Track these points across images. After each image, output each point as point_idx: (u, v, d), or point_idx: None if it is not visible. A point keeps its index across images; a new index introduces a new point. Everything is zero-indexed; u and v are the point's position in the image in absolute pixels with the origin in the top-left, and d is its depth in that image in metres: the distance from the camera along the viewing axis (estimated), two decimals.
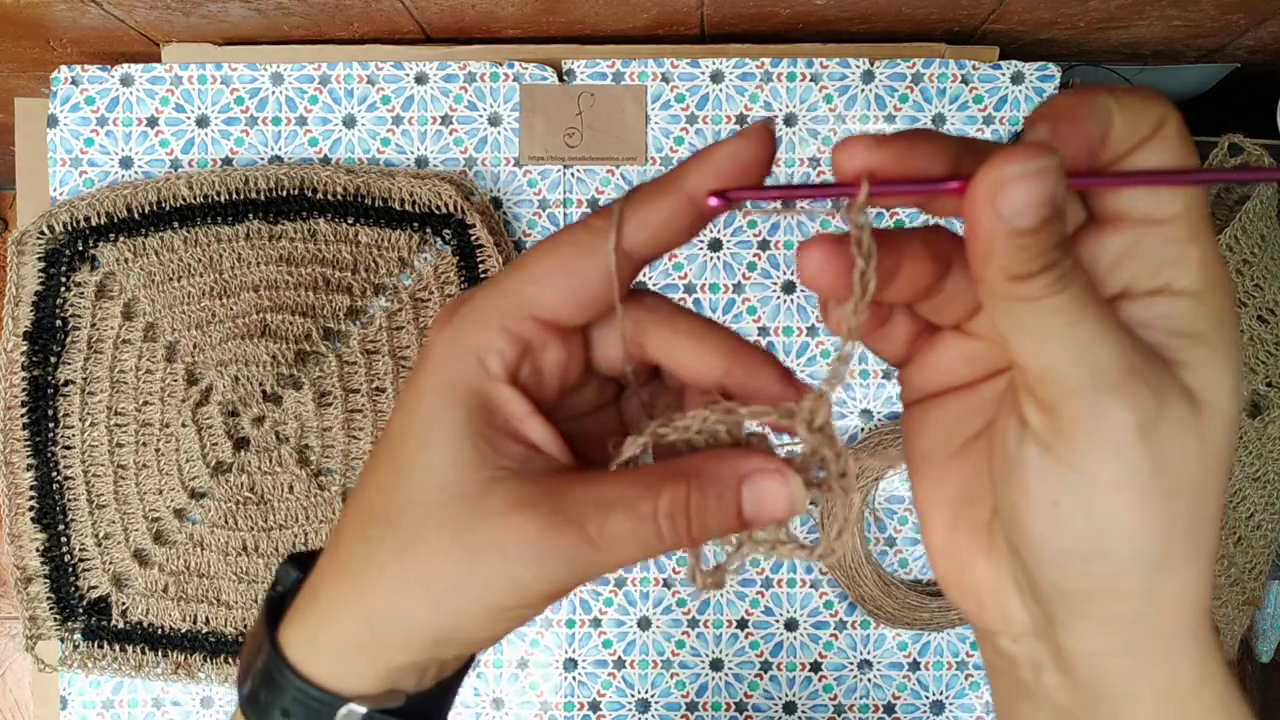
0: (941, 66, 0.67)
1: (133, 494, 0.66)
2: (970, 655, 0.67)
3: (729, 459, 0.23)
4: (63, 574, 0.66)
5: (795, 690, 0.68)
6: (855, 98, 0.67)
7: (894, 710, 0.68)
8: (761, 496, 0.23)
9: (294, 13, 0.64)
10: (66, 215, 0.65)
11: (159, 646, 0.66)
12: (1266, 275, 0.63)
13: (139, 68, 0.67)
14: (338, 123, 0.68)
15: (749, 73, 0.67)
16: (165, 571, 0.66)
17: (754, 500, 0.23)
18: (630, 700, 0.68)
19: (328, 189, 0.65)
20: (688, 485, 0.23)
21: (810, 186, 0.22)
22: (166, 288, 0.65)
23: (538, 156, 0.67)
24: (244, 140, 0.68)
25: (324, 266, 0.65)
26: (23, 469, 0.66)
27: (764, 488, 0.23)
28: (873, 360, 0.67)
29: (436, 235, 0.66)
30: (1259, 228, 0.63)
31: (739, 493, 0.23)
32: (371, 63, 0.67)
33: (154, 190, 0.65)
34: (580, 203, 0.68)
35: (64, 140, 0.67)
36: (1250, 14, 0.64)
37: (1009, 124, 0.67)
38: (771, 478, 0.23)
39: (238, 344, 0.64)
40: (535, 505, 0.23)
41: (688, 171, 0.23)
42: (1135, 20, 0.66)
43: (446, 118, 0.68)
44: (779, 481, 0.23)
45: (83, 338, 0.66)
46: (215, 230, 0.66)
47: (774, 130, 0.23)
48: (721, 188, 0.23)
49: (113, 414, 0.66)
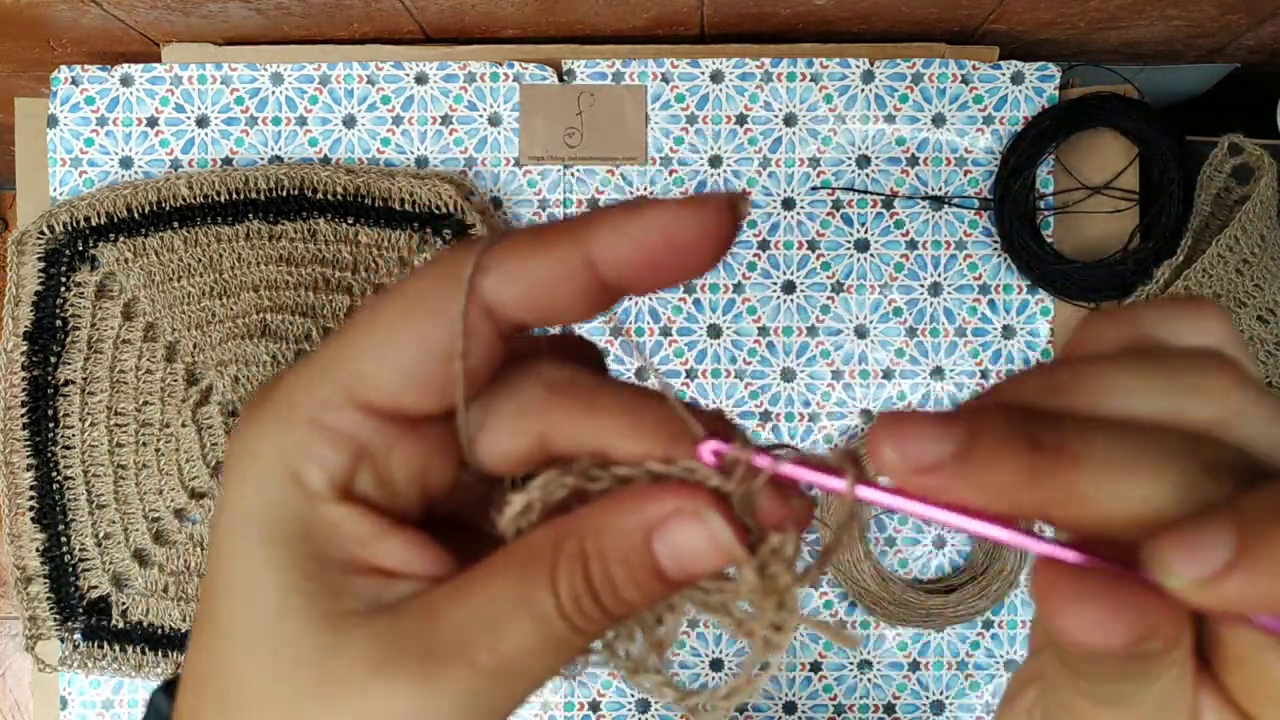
0: (941, 66, 0.67)
1: (133, 494, 0.66)
2: (970, 655, 0.67)
3: (629, 504, 0.17)
4: (63, 574, 0.66)
5: (795, 690, 0.68)
6: (855, 98, 0.67)
7: (894, 710, 0.68)
8: (678, 549, 0.17)
9: (294, 13, 0.64)
10: (66, 215, 0.65)
11: (159, 646, 0.66)
12: (1266, 275, 0.63)
13: (139, 68, 0.67)
14: (338, 123, 0.68)
15: (749, 73, 0.67)
16: (165, 571, 0.66)
17: (670, 555, 0.17)
18: (630, 700, 0.68)
19: (328, 189, 0.65)
20: (583, 555, 0.17)
21: (816, 465, 0.17)
22: (166, 288, 0.65)
23: (538, 156, 0.67)
24: (244, 140, 0.68)
25: (324, 266, 0.65)
26: (23, 469, 0.66)
27: (680, 538, 0.17)
28: (872, 360, 0.68)
29: (436, 235, 0.66)
30: (1259, 228, 0.63)
31: (649, 550, 0.17)
32: (371, 63, 0.67)
33: (154, 190, 0.65)
34: (580, 202, 0.68)
35: (64, 140, 0.67)
36: (1250, 14, 0.64)
37: (1009, 124, 0.67)
38: (686, 523, 0.17)
39: (238, 344, 0.64)
40: (402, 656, 0.17)
41: (596, 226, 0.17)
42: (1135, 20, 0.66)
43: (446, 118, 0.68)
44: (696, 527, 0.17)
45: (83, 338, 0.66)
46: (215, 230, 0.66)
47: (741, 209, 0.17)
48: None
49: (113, 414, 0.66)
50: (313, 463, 0.17)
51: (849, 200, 0.67)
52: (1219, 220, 0.65)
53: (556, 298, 0.17)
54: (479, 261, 0.17)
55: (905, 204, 0.67)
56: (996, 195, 0.66)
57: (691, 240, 0.16)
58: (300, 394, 0.18)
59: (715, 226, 0.16)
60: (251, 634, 0.17)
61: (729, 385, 0.68)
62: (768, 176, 0.67)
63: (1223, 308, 0.17)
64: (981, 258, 0.67)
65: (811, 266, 0.67)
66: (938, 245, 0.67)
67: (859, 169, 0.67)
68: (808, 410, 0.67)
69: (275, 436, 0.18)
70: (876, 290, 0.68)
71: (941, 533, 0.67)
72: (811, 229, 0.67)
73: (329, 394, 0.17)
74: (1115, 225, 0.67)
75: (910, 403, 0.68)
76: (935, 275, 0.67)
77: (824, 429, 0.68)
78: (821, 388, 0.68)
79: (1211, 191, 0.65)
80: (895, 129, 0.67)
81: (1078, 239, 0.67)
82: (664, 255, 0.17)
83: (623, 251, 0.17)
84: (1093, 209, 0.67)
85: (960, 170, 0.67)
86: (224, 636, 0.18)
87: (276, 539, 0.17)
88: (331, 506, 0.18)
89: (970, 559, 0.67)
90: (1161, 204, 0.65)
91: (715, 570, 0.17)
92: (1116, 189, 0.67)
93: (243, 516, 0.18)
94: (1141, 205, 0.67)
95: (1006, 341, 0.67)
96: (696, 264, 0.17)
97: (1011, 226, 0.65)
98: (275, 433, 0.18)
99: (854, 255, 0.67)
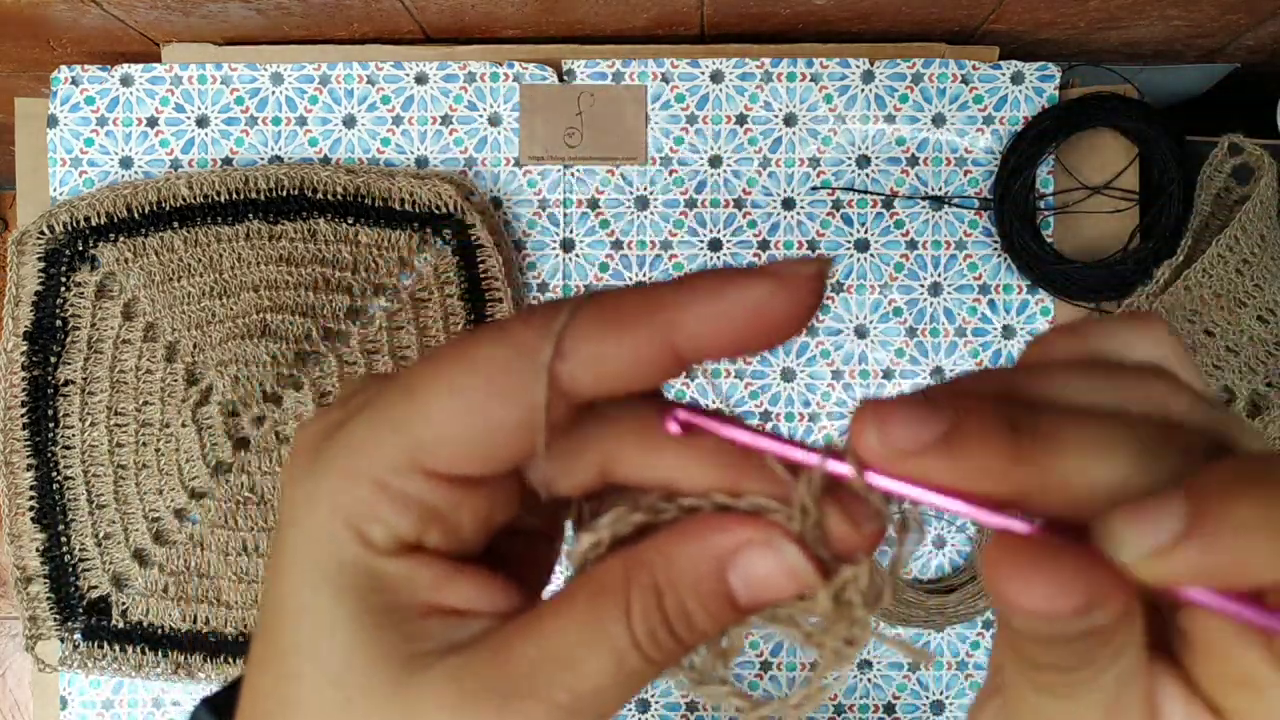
0: (941, 66, 0.67)
1: (133, 494, 0.66)
2: (970, 655, 0.67)
3: (701, 534, 0.17)
4: (63, 574, 0.66)
5: (795, 690, 0.68)
6: (855, 98, 0.67)
7: (894, 710, 0.68)
8: (752, 578, 0.17)
9: (294, 13, 0.64)
10: (66, 215, 0.65)
11: (159, 646, 0.66)
12: (1266, 275, 0.63)
13: (139, 68, 0.67)
14: (338, 123, 0.68)
15: (749, 73, 0.67)
16: (165, 571, 0.66)
17: (744, 585, 0.17)
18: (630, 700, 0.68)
19: (328, 189, 0.65)
20: (656, 587, 0.17)
21: (802, 445, 0.17)
22: (166, 288, 0.65)
23: (538, 156, 0.67)
24: (244, 140, 0.68)
25: (324, 266, 0.65)
26: (23, 469, 0.66)
27: (754, 568, 0.17)
28: (872, 360, 0.68)
29: (436, 235, 0.66)
30: (1259, 228, 0.63)
31: (724, 580, 0.17)
32: (371, 63, 0.67)
33: (154, 190, 0.65)
34: (580, 203, 0.68)
35: (64, 140, 0.67)
36: (1250, 14, 0.64)
37: (1009, 124, 0.67)
38: (760, 553, 0.17)
39: (238, 344, 0.64)
40: (480, 696, 0.17)
41: (681, 307, 0.16)
42: (1135, 20, 0.66)
43: (446, 118, 0.68)
44: (770, 556, 0.17)
45: (83, 338, 0.66)
46: (215, 230, 0.66)
47: (827, 274, 0.16)
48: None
49: (113, 414, 0.66)
50: (379, 523, 0.17)
51: (849, 200, 0.67)
52: (1219, 220, 0.65)
53: (635, 380, 0.17)
54: (558, 346, 0.16)
55: (905, 204, 0.67)
56: (996, 195, 0.66)
57: (780, 318, 0.16)
58: (366, 451, 0.17)
59: (804, 303, 0.16)
60: (325, 683, 0.17)
61: (729, 385, 0.68)
62: (768, 176, 0.67)
63: (1168, 323, 0.17)
64: (981, 258, 0.67)
65: None
66: (938, 245, 0.67)
67: (859, 169, 0.67)
68: (808, 410, 0.67)
69: (339, 492, 0.17)
70: (876, 290, 0.68)
71: (942, 533, 0.67)
72: (811, 229, 0.67)
73: (396, 458, 0.17)
74: (1115, 225, 0.67)
75: None
76: (935, 275, 0.67)
77: (824, 429, 0.68)
78: (821, 388, 0.68)
79: (1211, 191, 0.65)
80: (895, 129, 0.67)
81: (1078, 239, 0.67)
82: (751, 336, 0.16)
83: (708, 334, 0.16)
84: (1093, 209, 0.67)
85: (960, 170, 0.67)
86: (293, 681, 0.18)
87: (346, 590, 0.17)
88: (399, 561, 0.18)
89: (970, 559, 0.67)
90: (1161, 204, 0.65)
91: (788, 595, 0.17)
92: (1116, 189, 0.67)
93: (308, 569, 0.18)
94: (1141, 205, 0.67)
95: (1006, 341, 0.67)
96: (782, 338, 0.16)
97: (1011, 226, 0.65)
98: (339, 489, 0.17)
99: (854, 255, 0.67)
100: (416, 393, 0.17)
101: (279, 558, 0.18)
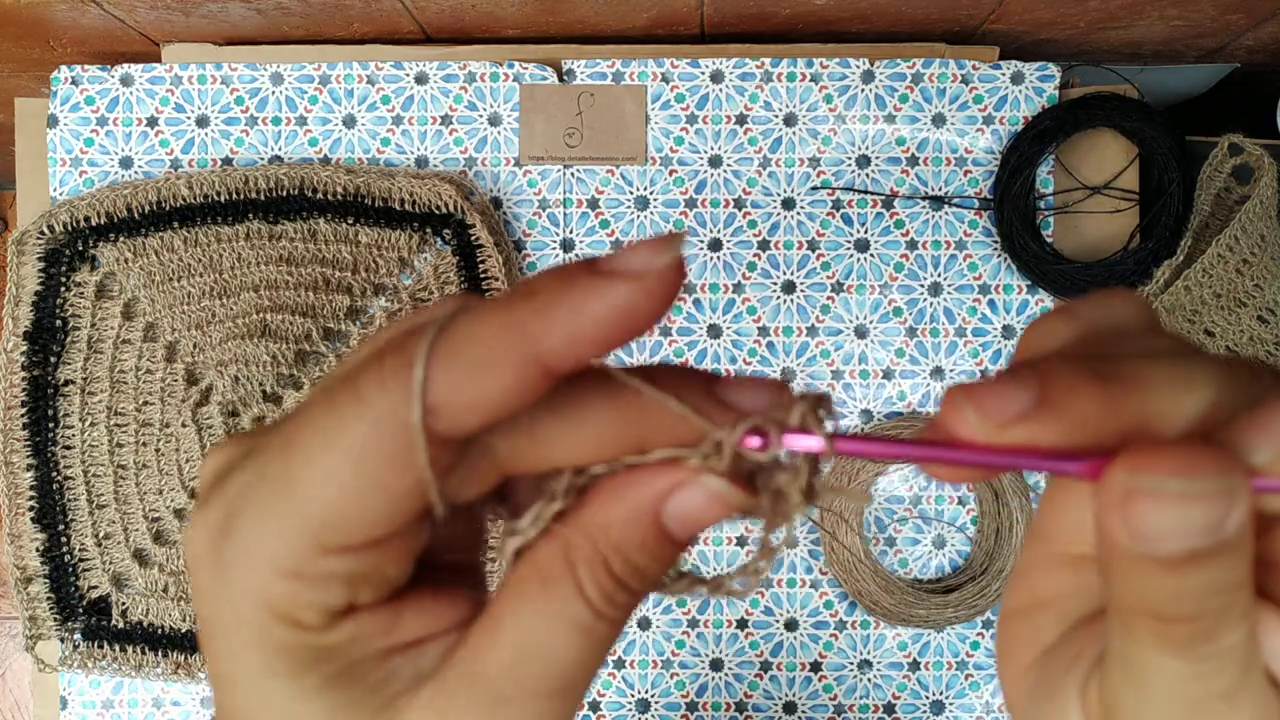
0: (941, 66, 0.67)
1: (133, 494, 0.66)
2: (970, 655, 0.67)
3: (626, 496, 0.17)
4: (63, 574, 0.66)
5: (795, 690, 0.68)
6: (855, 98, 0.67)
7: (894, 710, 0.68)
8: (685, 515, 0.17)
9: (294, 13, 0.64)
10: (66, 215, 0.65)
11: (159, 646, 0.66)
12: (1266, 275, 0.63)
13: (139, 68, 0.67)
14: (338, 123, 0.68)
15: (749, 73, 0.67)
16: (165, 571, 0.66)
17: (679, 523, 0.18)
18: (630, 700, 0.68)
19: (328, 189, 0.65)
20: (599, 554, 0.17)
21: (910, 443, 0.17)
22: (166, 288, 0.65)
23: (538, 156, 0.67)
24: (244, 140, 0.68)
25: (324, 266, 0.65)
26: (23, 469, 0.66)
27: (683, 505, 0.17)
28: (872, 360, 0.68)
29: (436, 235, 0.66)
30: (1259, 228, 0.63)
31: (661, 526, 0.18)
32: (371, 63, 0.67)
33: (154, 190, 0.65)
34: (580, 203, 0.68)
35: (64, 140, 0.67)
36: (1250, 14, 0.64)
37: (1009, 124, 0.67)
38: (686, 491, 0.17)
39: (238, 344, 0.64)
40: (466, 713, 0.17)
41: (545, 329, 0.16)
42: (1135, 20, 0.66)
43: (446, 118, 0.68)
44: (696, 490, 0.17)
45: (83, 338, 0.66)
46: (215, 230, 0.66)
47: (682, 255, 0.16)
48: None
49: (113, 414, 0.66)
50: (307, 607, 0.17)
51: (849, 200, 0.67)
52: (1219, 220, 0.65)
53: (512, 406, 0.16)
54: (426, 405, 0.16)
55: (905, 204, 0.67)
56: (996, 195, 0.66)
57: (644, 313, 0.16)
58: (267, 550, 0.17)
59: (666, 293, 0.16)
60: None
61: None
62: (768, 176, 0.67)
63: (1137, 294, 0.18)
64: (981, 258, 0.67)
65: (811, 266, 0.67)
66: (938, 245, 0.67)
67: (859, 169, 0.67)
68: None
69: (257, 591, 0.17)
70: (876, 290, 0.68)
71: (942, 533, 0.67)
72: (811, 229, 0.67)
73: (298, 547, 0.17)
74: (1115, 225, 0.67)
75: (910, 403, 0.68)
76: (935, 275, 0.67)
77: None
78: (821, 388, 0.68)
79: (1211, 191, 0.65)
80: (895, 129, 0.67)
81: (1078, 239, 0.67)
82: (618, 336, 0.16)
83: (575, 347, 0.16)
84: (1093, 209, 0.67)
85: (960, 170, 0.67)
86: None
87: (299, 674, 0.17)
88: (340, 629, 0.17)
89: (970, 559, 0.67)
90: (1161, 204, 0.65)
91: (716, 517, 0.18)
92: (1116, 189, 0.67)
93: (257, 670, 0.17)
94: (1141, 205, 0.67)
95: (1006, 341, 0.67)
96: (649, 326, 0.16)
97: (1011, 226, 0.65)
98: (256, 588, 0.17)
99: (854, 255, 0.67)
100: (296, 484, 0.16)
101: (222, 666, 0.18)
